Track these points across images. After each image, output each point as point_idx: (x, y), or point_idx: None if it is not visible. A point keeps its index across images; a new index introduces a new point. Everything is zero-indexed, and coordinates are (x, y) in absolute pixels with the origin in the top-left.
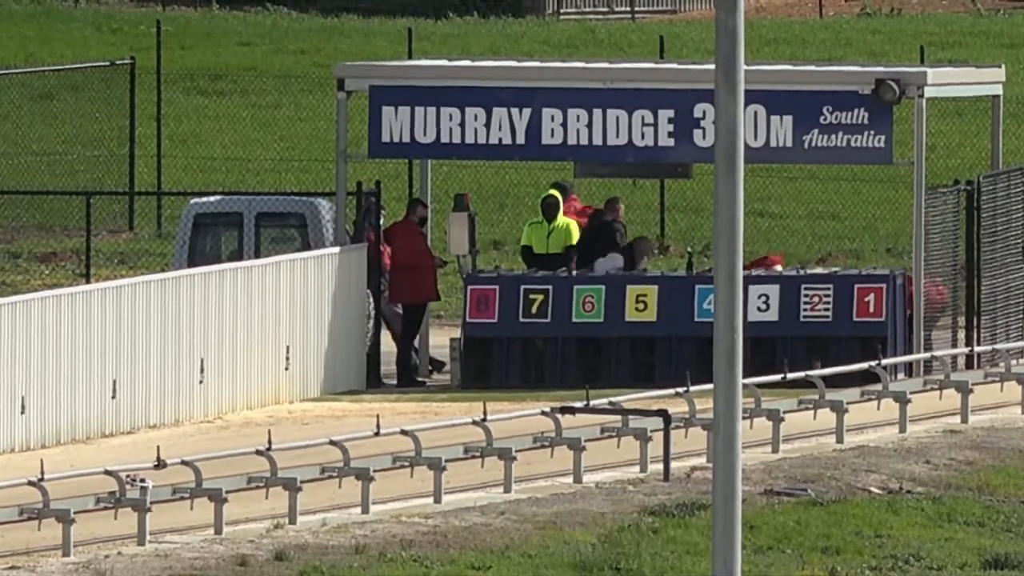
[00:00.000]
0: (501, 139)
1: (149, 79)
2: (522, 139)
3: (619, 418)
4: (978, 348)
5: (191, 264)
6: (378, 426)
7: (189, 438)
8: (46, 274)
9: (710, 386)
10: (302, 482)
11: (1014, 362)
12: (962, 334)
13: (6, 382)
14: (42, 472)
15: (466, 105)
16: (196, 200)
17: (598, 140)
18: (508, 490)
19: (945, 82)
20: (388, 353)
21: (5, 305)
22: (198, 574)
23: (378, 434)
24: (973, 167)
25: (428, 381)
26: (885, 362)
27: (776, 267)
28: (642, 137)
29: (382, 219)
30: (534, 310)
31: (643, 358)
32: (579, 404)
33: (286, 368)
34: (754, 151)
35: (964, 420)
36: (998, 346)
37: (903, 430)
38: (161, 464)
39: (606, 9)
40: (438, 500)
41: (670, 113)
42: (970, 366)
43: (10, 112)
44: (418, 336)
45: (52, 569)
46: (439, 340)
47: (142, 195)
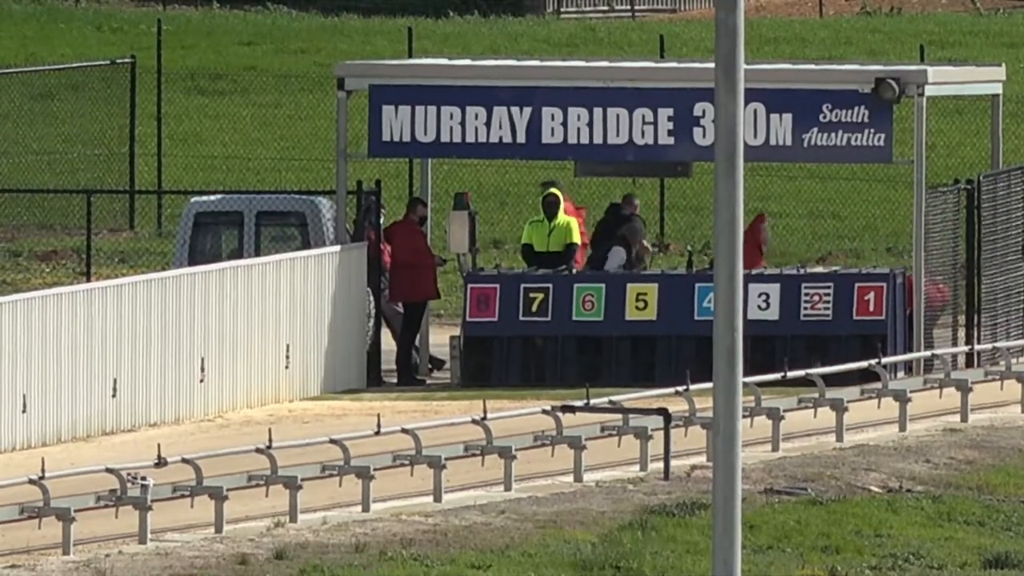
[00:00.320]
0: (501, 138)
1: (150, 78)
2: (522, 138)
3: (619, 417)
4: (978, 346)
5: (192, 263)
6: (378, 425)
7: (190, 436)
8: (47, 273)
9: (710, 385)
10: (302, 480)
11: (1014, 360)
12: (962, 332)
13: (7, 380)
14: (43, 470)
15: (466, 104)
16: (196, 199)
17: (598, 139)
18: (508, 489)
19: (945, 81)
20: (388, 352)
21: (6, 304)
22: (199, 573)
23: (378, 433)
24: (973, 166)
25: (428, 380)
26: (885, 361)
27: (763, 225)
28: (642, 136)
29: (382, 218)
30: (534, 309)
31: (643, 357)
32: (579, 403)
33: (286, 367)
34: (754, 150)
35: (964, 419)
36: (998, 344)
37: (903, 429)
38: (162, 462)
39: (606, 8)
40: (438, 499)
41: (670, 112)
42: (970, 364)
43: (11, 111)
44: (418, 335)
45: (53, 568)
46: (439, 339)
47: (143, 194)
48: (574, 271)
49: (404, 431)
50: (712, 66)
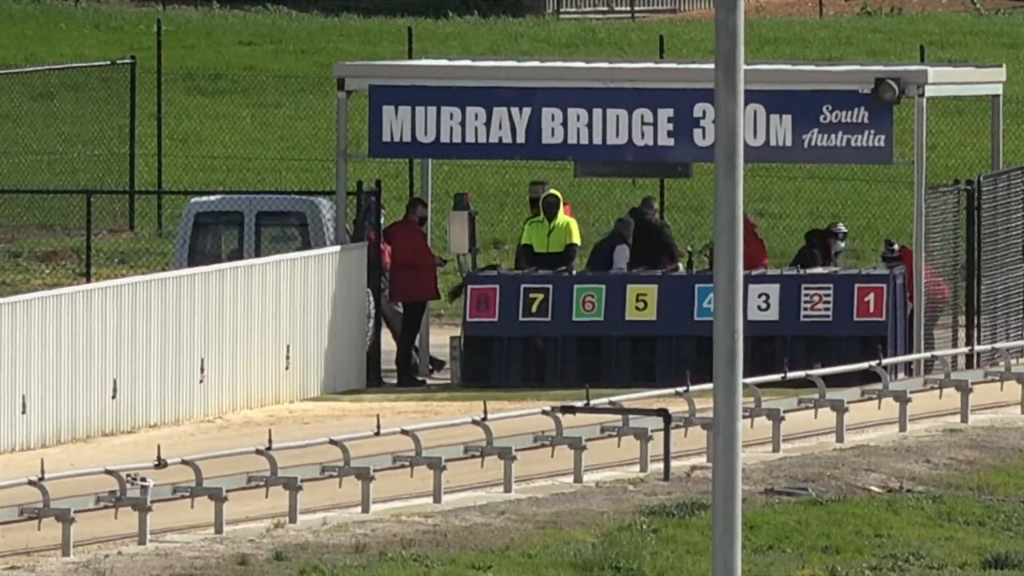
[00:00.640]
0: (501, 138)
1: (149, 78)
2: (522, 138)
3: (619, 417)
4: (978, 347)
5: (191, 263)
6: (378, 425)
7: (189, 437)
8: (46, 273)
9: (710, 385)
10: (302, 481)
11: (1014, 361)
12: (962, 333)
13: (7, 381)
14: (42, 471)
15: (466, 104)
16: (196, 199)
17: (598, 139)
18: (508, 489)
19: (945, 81)
20: (388, 352)
21: (6, 304)
22: (198, 573)
23: (378, 433)
24: (973, 167)
25: (428, 380)
26: (885, 361)
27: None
28: (642, 136)
29: (382, 218)
30: (534, 309)
31: (643, 357)
32: (579, 403)
33: (286, 367)
34: (754, 150)
35: (964, 419)
36: (998, 345)
37: (903, 429)
38: (161, 463)
39: (606, 8)
40: (438, 499)
41: (670, 112)
42: (970, 365)
43: (10, 111)
44: (418, 335)
45: (52, 569)
46: (439, 339)
47: (142, 194)
48: (574, 272)
49: (404, 432)
50: (712, 67)
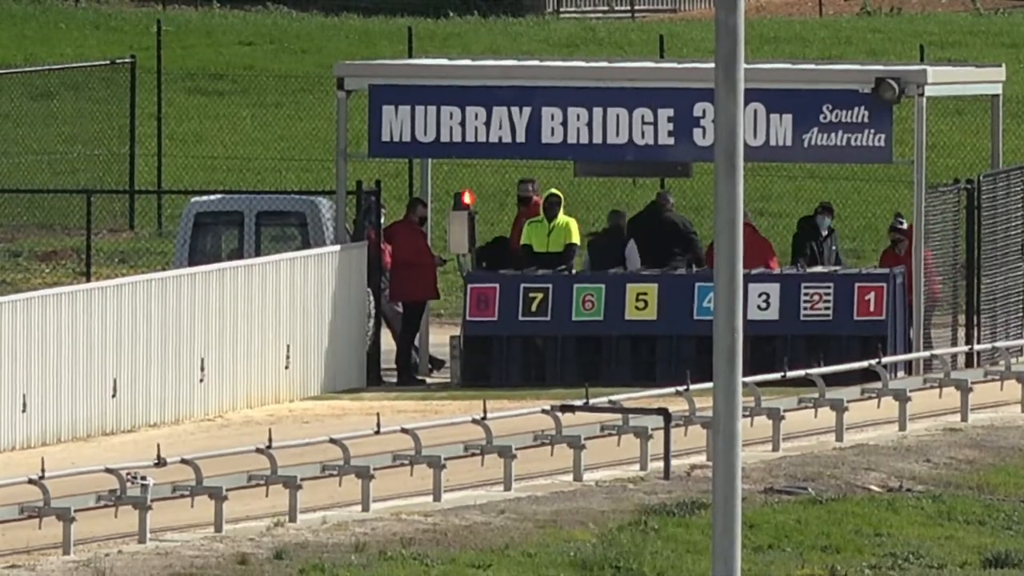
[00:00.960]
0: (501, 138)
1: (149, 78)
2: (522, 138)
3: (619, 416)
4: (978, 346)
5: (192, 263)
6: (378, 424)
7: (189, 436)
8: (47, 273)
9: (710, 384)
10: (302, 480)
11: (1014, 360)
12: (962, 332)
13: (7, 380)
14: (43, 470)
15: (466, 104)
16: (197, 199)
17: (598, 139)
18: (508, 488)
19: (945, 81)
20: (388, 351)
21: (6, 304)
22: (198, 572)
23: (378, 432)
24: (973, 166)
25: (428, 379)
26: (885, 360)
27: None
28: (642, 136)
29: (382, 218)
30: (534, 308)
31: (643, 356)
32: (579, 402)
33: (286, 366)
34: (754, 150)
35: (964, 418)
36: (998, 344)
37: (903, 428)
38: (161, 462)
39: (606, 8)
40: (438, 498)
41: (670, 112)
42: (970, 364)
43: (10, 111)
44: (418, 334)
45: (52, 567)
46: (439, 338)
47: (143, 194)
48: (574, 271)
49: (404, 431)
50: (712, 66)
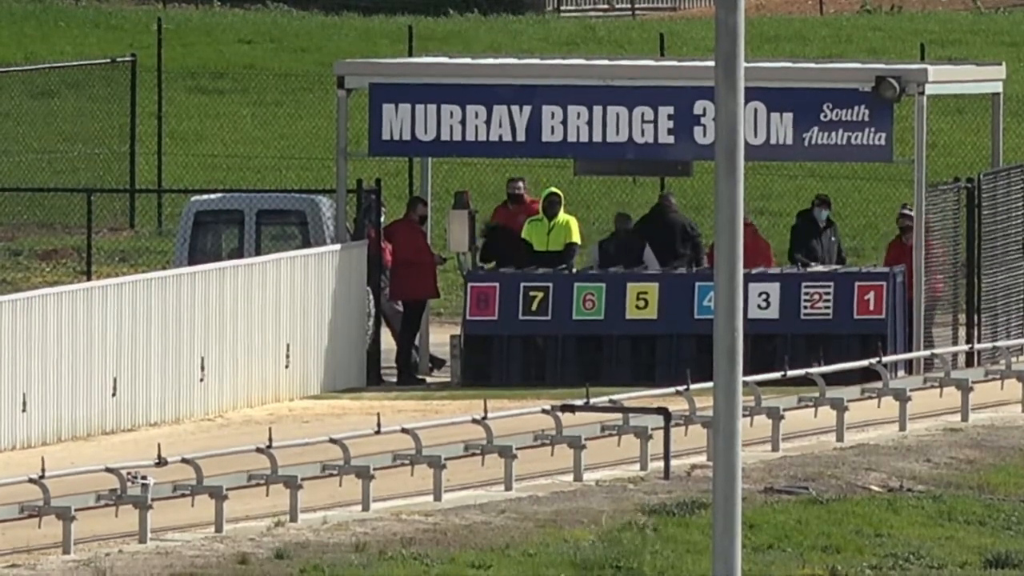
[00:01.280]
0: (501, 136)
1: (150, 77)
2: (522, 136)
3: (619, 416)
4: (978, 345)
5: (192, 262)
6: (378, 424)
7: (190, 436)
8: (47, 271)
9: (710, 384)
10: (303, 480)
11: (1014, 359)
12: (963, 331)
13: (7, 379)
14: (43, 469)
15: (466, 103)
16: (197, 198)
17: (598, 137)
18: (508, 488)
19: (946, 80)
20: (388, 351)
21: (6, 303)
22: (199, 572)
23: (378, 432)
24: (973, 165)
25: (428, 379)
26: (885, 360)
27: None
28: (642, 134)
29: (382, 217)
30: (534, 308)
31: (643, 356)
32: (579, 402)
33: (286, 366)
34: (754, 149)
35: (964, 418)
36: (998, 343)
37: (903, 428)
38: (162, 462)
39: (606, 6)
40: (438, 498)
41: (670, 110)
42: (970, 364)
43: (11, 110)
44: (418, 334)
45: (53, 567)
46: (439, 338)
47: (143, 193)
48: (574, 270)
49: (404, 430)
50: (712, 64)
